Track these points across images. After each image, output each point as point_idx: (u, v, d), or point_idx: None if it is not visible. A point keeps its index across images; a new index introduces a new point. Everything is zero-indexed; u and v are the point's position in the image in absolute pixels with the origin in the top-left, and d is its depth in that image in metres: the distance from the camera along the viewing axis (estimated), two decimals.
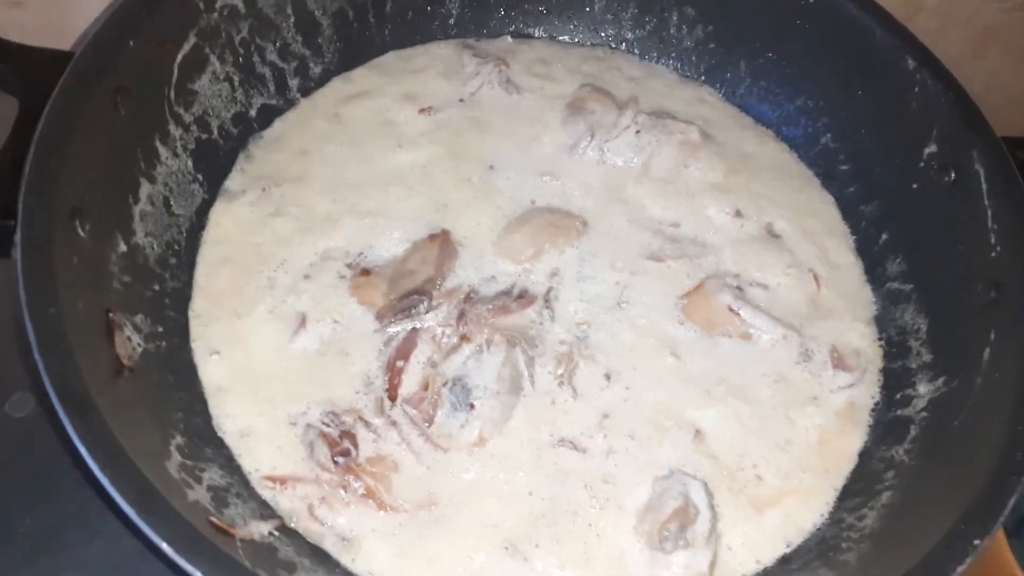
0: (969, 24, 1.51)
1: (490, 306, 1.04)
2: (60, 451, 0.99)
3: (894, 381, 1.08)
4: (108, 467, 0.69)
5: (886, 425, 1.04)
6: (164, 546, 0.67)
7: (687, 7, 1.31)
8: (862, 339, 1.11)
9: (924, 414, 1.01)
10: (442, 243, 1.09)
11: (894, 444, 1.01)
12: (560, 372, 1.01)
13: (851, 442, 1.04)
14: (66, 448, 0.73)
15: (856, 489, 1.00)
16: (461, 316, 1.03)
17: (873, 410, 1.06)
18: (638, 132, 1.20)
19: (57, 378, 0.72)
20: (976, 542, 0.77)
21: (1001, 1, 1.48)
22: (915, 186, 1.12)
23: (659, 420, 1.00)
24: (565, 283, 1.09)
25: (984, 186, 1.01)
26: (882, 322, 1.13)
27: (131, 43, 0.96)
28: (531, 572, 0.90)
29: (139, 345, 0.91)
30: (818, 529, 0.97)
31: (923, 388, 1.04)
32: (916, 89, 1.10)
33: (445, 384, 0.98)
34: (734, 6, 1.27)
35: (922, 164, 1.10)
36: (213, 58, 1.10)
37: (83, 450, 0.69)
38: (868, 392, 1.08)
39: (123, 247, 0.94)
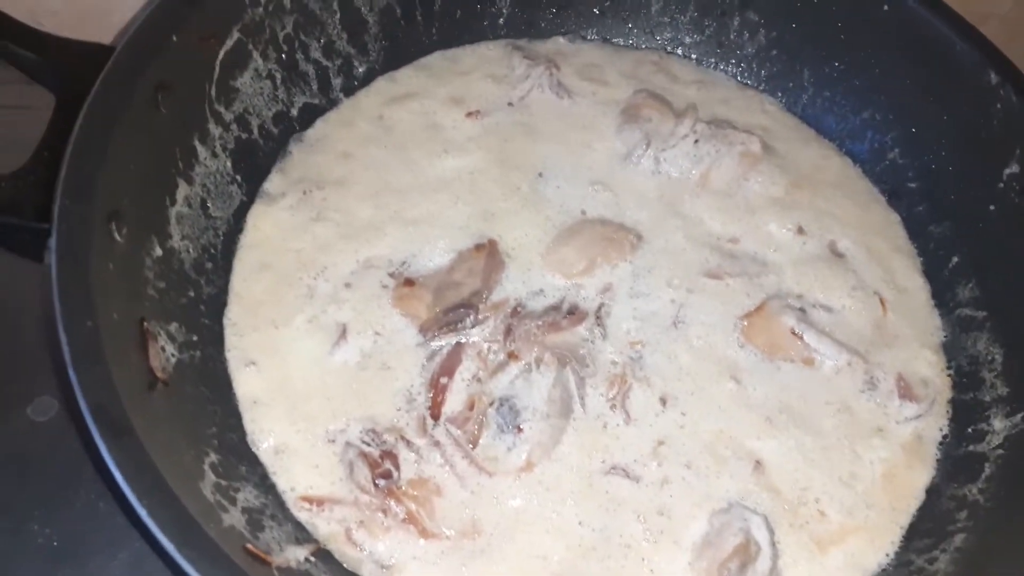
0: None
1: (539, 322, 0.99)
2: (83, 457, 0.96)
3: (965, 414, 1.02)
4: (145, 497, 0.65)
5: (956, 461, 0.99)
6: None
7: (749, 12, 1.25)
8: (930, 368, 1.06)
9: (1000, 451, 0.96)
10: (489, 254, 1.04)
11: (966, 482, 0.96)
12: (612, 395, 0.97)
13: (918, 478, 0.98)
14: (96, 467, 0.70)
15: (925, 529, 0.94)
16: (508, 332, 0.98)
17: (941, 444, 1.01)
18: (696, 142, 1.15)
19: (92, 397, 0.68)
20: None
21: None
22: (992, 208, 1.06)
23: (717, 449, 0.95)
24: (618, 300, 1.04)
25: None
26: (951, 350, 1.07)
27: (174, 38, 0.92)
28: None
29: (173, 355, 0.88)
30: (884, 570, 0.92)
31: (998, 423, 0.98)
32: (998, 105, 1.04)
33: (492, 404, 0.94)
34: (800, 12, 1.21)
35: (1002, 185, 1.04)
36: (256, 54, 1.06)
37: (119, 477, 0.65)
38: (936, 424, 1.02)
39: (159, 251, 0.91)
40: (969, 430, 1.00)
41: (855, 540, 0.93)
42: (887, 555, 0.93)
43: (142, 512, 0.65)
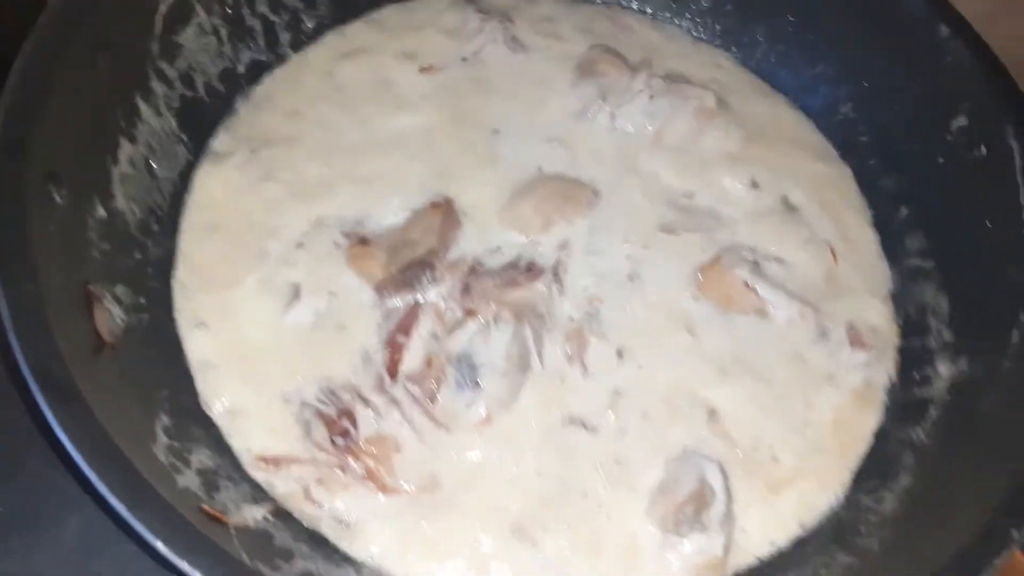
0: None
1: (496, 279, 0.99)
2: (30, 425, 0.94)
3: (912, 360, 1.04)
4: (95, 460, 0.64)
5: (903, 406, 1.01)
6: (159, 546, 0.62)
7: None
8: (879, 317, 1.08)
9: (945, 396, 0.98)
10: (445, 212, 1.03)
11: (912, 425, 0.98)
12: (570, 349, 0.97)
13: (866, 422, 1.01)
14: (43, 434, 0.68)
15: (873, 471, 0.97)
16: (466, 289, 0.98)
17: (890, 390, 1.03)
18: (652, 97, 1.14)
19: (36, 362, 0.67)
20: (1014, 533, 0.74)
21: None
22: (941, 160, 1.07)
23: (673, 399, 0.96)
24: (575, 256, 1.04)
25: (1018, 162, 0.96)
26: (900, 300, 1.09)
27: None
28: (540, 556, 0.87)
29: (120, 318, 0.86)
30: (834, 511, 0.95)
31: (944, 369, 1.00)
32: (948, 58, 1.05)
33: (449, 361, 0.93)
34: None
35: (950, 138, 1.05)
36: (199, 9, 1.03)
37: (67, 442, 0.64)
38: (884, 371, 1.04)
39: (102, 212, 0.88)
40: (916, 376, 1.02)
41: (806, 483, 0.95)
42: (836, 496, 0.95)
43: (92, 476, 0.64)
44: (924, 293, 1.07)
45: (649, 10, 1.30)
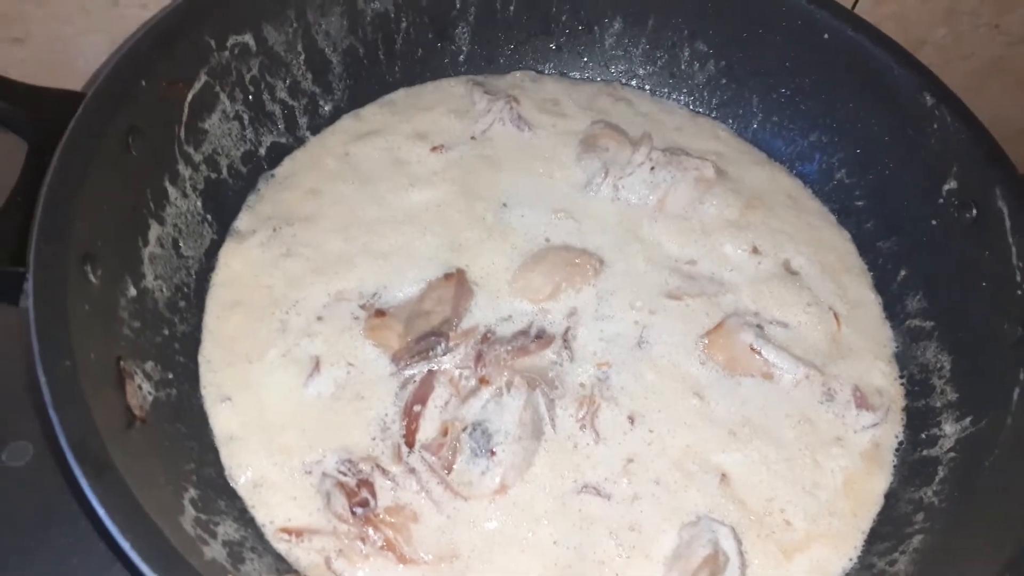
0: (973, 59, 1.52)
1: (508, 347, 1.02)
2: (60, 502, 0.96)
3: (918, 420, 1.06)
4: (129, 530, 0.66)
5: (912, 466, 1.03)
6: None
7: (699, 43, 1.30)
8: (884, 378, 1.10)
9: (952, 454, 1.00)
10: (457, 283, 1.07)
11: (922, 486, 0.99)
12: (582, 415, 0.99)
13: (877, 483, 1.02)
14: (81, 506, 0.70)
15: (885, 533, 0.98)
16: (479, 357, 1.01)
17: (898, 450, 1.05)
18: (652, 169, 1.19)
19: (74, 435, 0.69)
20: None
21: (1004, 35, 1.49)
22: (934, 223, 1.11)
23: (685, 464, 0.98)
24: (583, 323, 1.07)
25: (1008, 223, 1.00)
26: (903, 360, 1.12)
27: (143, 83, 0.94)
28: None
29: (149, 394, 0.89)
30: (847, 574, 0.95)
31: (949, 428, 1.02)
32: (935, 125, 1.10)
33: (465, 429, 0.95)
34: (747, 42, 1.27)
35: (941, 200, 1.09)
36: (223, 96, 1.08)
37: (102, 512, 0.66)
38: (892, 432, 1.06)
39: (133, 292, 0.92)
40: (923, 435, 1.04)
41: (819, 547, 0.96)
42: (850, 559, 0.96)
43: (126, 546, 0.65)
44: (926, 353, 1.09)
45: (648, 86, 1.36)
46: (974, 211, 1.05)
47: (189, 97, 1.03)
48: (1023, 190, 1.00)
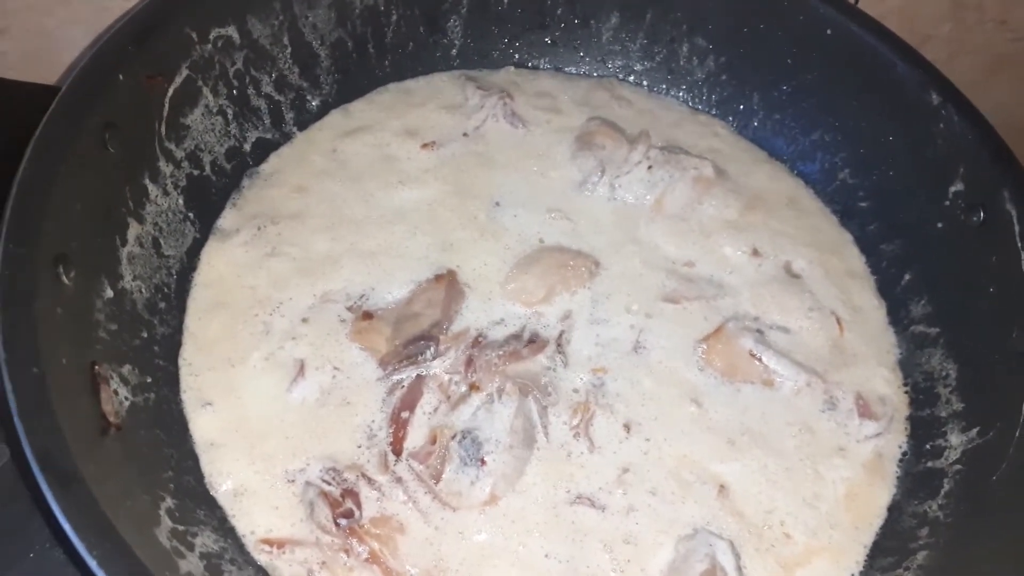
0: (978, 53, 1.50)
1: (500, 352, 0.99)
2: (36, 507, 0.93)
3: (923, 430, 1.03)
4: (96, 548, 0.63)
5: (916, 478, 1.00)
6: None
7: (698, 38, 1.27)
8: (887, 385, 1.07)
9: (958, 467, 0.97)
10: (448, 284, 1.04)
11: (926, 499, 0.97)
12: (576, 423, 0.96)
13: (880, 496, 0.99)
14: (46, 518, 0.67)
15: (888, 547, 0.95)
16: (469, 362, 0.98)
17: (901, 461, 1.02)
18: (650, 168, 1.16)
19: (39, 445, 0.66)
20: None
21: (1010, 31, 1.46)
22: (940, 225, 1.08)
23: (682, 474, 0.95)
24: (578, 326, 1.04)
25: (1017, 227, 0.97)
26: (907, 367, 1.09)
27: (120, 77, 0.91)
28: None
29: (126, 399, 0.86)
30: None
31: (955, 439, 0.99)
32: (941, 125, 1.07)
33: (454, 437, 0.93)
34: (748, 37, 1.23)
35: (947, 203, 1.06)
36: (206, 91, 1.05)
37: (68, 528, 0.63)
38: (895, 442, 1.03)
39: (110, 293, 0.89)
40: (927, 446, 1.01)
41: (820, 561, 0.93)
42: (852, 575, 0.93)
43: (92, 563, 0.63)
44: (931, 361, 1.06)
45: (646, 82, 1.33)
46: (981, 214, 1.02)
47: (170, 92, 1.00)
48: None
